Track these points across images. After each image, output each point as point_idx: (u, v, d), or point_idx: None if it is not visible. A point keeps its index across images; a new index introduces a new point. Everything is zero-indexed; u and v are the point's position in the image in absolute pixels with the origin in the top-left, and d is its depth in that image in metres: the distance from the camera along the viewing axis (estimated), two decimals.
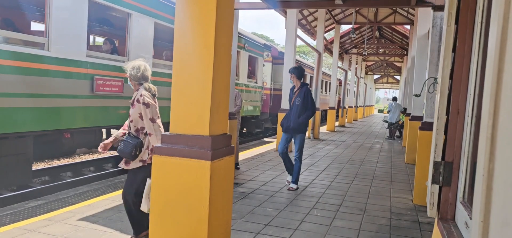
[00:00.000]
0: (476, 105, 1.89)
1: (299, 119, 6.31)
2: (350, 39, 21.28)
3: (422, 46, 8.82)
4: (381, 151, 12.14)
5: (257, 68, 14.43)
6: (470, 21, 2.09)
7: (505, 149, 0.96)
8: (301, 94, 6.38)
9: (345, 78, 24.55)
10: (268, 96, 17.21)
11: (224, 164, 3.05)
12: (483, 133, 1.13)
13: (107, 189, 6.09)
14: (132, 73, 3.79)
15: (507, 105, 0.97)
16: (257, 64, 14.45)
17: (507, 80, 0.99)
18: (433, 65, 5.75)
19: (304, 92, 6.38)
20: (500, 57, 1.04)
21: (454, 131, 2.11)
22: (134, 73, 3.78)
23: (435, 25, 5.81)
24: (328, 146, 12.51)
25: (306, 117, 6.36)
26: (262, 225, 4.59)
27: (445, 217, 2.13)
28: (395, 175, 8.25)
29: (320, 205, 5.58)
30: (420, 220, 5.13)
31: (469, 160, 1.93)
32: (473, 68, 2.01)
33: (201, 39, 2.86)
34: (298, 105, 6.34)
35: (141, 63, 3.84)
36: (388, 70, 39.45)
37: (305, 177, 7.40)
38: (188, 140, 2.90)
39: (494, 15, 1.17)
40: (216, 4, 2.80)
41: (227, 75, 3.12)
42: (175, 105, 2.97)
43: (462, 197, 1.99)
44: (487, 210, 1.05)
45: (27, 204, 5.24)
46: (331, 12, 16.23)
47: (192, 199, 2.86)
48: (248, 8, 8.87)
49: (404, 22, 16.72)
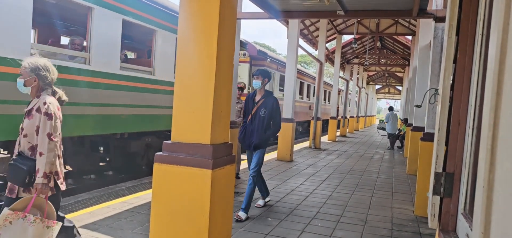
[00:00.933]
0: (477, 116, 1.89)
1: (266, 133, 5.41)
2: (352, 49, 21.33)
3: (423, 56, 8.84)
4: (383, 162, 12.12)
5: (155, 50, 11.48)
6: (471, 32, 2.10)
7: (505, 160, 0.96)
8: (267, 105, 5.42)
9: (347, 88, 24.58)
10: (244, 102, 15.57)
11: (225, 173, 3.05)
12: (483, 144, 1.14)
13: (108, 196, 6.09)
14: (41, 75, 3.00)
15: (507, 117, 0.97)
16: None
17: (507, 92, 1.00)
18: (434, 76, 5.76)
19: (272, 103, 5.45)
20: (500, 69, 1.05)
21: (455, 142, 2.11)
22: (43, 74, 3.01)
23: (437, 36, 5.83)
24: (329, 156, 12.49)
25: (273, 132, 5.52)
26: (262, 235, 4.57)
27: (446, 228, 2.13)
28: (396, 185, 8.22)
29: (321, 215, 5.56)
30: (422, 231, 5.10)
31: (470, 171, 1.93)
32: (474, 79, 2.02)
33: (203, 49, 2.88)
34: (264, 117, 5.40)
35: (48, 62, 3.12)
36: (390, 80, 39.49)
37: (306, 187, 7.38)
38: (189, 148, 2.90)
39: (494, 27, 1.18)
40: (218, 15, 2.82)
41: (229, 84, 3.14)
42: (177, 114, 2.99)
43: (463, 209, 1.99)
44: (488, 221, 1.05)
45: None
46: (333, 22, 16.30)
47: (192, 208, 2.87)
48: (250, 18, 8.91)
49: (406, 33, 16.77)
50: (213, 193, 2.85)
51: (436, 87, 4.12)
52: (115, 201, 5.61)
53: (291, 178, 8.26)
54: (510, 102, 0.96)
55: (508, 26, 1.04)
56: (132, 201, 5.63)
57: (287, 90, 11.46)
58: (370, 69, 32.05)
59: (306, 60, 57.99)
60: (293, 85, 11.30)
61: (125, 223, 4.70)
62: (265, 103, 5.44)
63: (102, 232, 4.37)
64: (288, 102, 11.28)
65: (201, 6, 2.88)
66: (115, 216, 4.93)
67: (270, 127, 5.47)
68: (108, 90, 6.95)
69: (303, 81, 20.53)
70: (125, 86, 7.32)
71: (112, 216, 4.93)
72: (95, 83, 6.61)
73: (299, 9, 8.27)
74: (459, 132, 2.11)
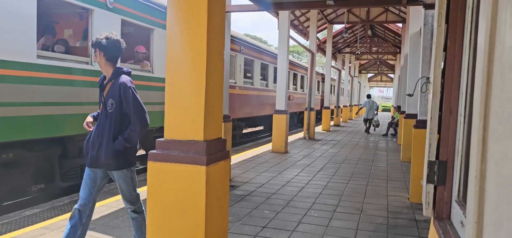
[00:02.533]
0: (468, 104, 1.90)
1: (116, 143, 3.32)
2: (343, 38, 21.35)
3: (414, 44, 8.86)
4: (377, 150, 12.19)
5: (152, 47, 8.36)
6: (461, 20, 2.11)
7: (496, 150, 0.97)
8: (114, 93, 3.33)
9: (339, 77, 24.63)
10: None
11: (219, 169, 3.05)
12: (475, 134, 1.14)
13: (103, 195, 6.06)
14: None
15: (497, 108, 0.98)
16: (153, 41, 8.34)
17: (497, 82, 1.00)
18: (425, 63, 5.78)
19: (119, 88, 3.32)
20: (489, 59, 1.05)
21: (448, 131, 2.13)
22: None
23: (427, 23, 5.84)
24: (323, 146, 12.53)
25: (129, 138, 3.33)
26: (259, 228, 4.58)
27: (440, 216, 2.15)
28: (391, 173, 8.28)
29: (317, 205, 5.59)
30: (417, 218, 5.15)
31: (463, 159, 1.94)
32: (464, 67, 2.02)
33: (193, 44, 2.86)
34: (112, 114, 3.33)
35: None
36: (382, 68, 39.63)
37: (301, 178, 7.41)
38: (183, 145, 2.89)
39: (482, 16, 1.18)
40: (207, 9, 2.80)
41: (220, 79, 3.12)
42: (169, 111, 2.97)
43: (457, 196, 2.00)
44: (481, 211, 1.05)
45: (23, 212, 5.20)
46: (323, 12, 16.29)
47: (188, 205, 2.86)
48: (239, 10, 8.87)
49: (396, 20, 16.81)
50: (208, 189, 2.84)
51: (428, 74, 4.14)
52: (111, 200, 5.60)
53: (286, 169, 8.29)
54: (500, 93, 0.97)
55: (497, 15, 1.04)
56: None
57: (280, 81, 11.45)
58: (362, 58, 32.13)
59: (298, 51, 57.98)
60: (285, 76, 11.29)
61: (121, 221, 4.69)
62: (112, 91, 3.34)
63: (99, 231, 4.36)
64: (281, 94, 11.28)
65: (189, 1, 2.86)
66: (111, 215, 4.92)
67: (125, 129, 3.34)
68: None
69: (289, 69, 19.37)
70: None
71: (108, 215, 4.91)
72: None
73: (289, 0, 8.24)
74: (451, 120, 2.12)
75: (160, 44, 8.27)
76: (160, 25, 8.27)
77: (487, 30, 1.07)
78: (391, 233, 4.56)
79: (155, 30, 8.17)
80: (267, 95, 16.84)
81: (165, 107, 3.00)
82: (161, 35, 8.25)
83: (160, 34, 8.24)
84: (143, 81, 7.90)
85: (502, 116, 0.92)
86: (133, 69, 7.42)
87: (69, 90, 6.16)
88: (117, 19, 7.08)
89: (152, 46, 8.24)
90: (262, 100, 16.26)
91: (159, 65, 8.33)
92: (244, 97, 14.15)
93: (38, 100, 5.65)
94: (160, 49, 8.30)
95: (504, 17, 0.98)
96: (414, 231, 4.66)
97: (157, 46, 8.26)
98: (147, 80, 8.11)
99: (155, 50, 8.26)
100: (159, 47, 8.28)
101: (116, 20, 7.06)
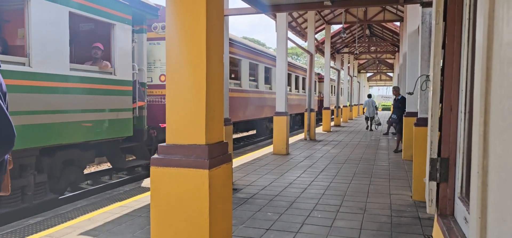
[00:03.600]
0: (468, 101, 1.91)
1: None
2: (341, 38, 21.36)
3: (412, 42, 8.87)
4: (378, 149, 12.19)
5: (113, 45, 7.26)
6: (458, 17, 2.12)
7: (498, 145, 0.98)
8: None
9: (338, 77, 24.64)
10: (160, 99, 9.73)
11: (222, 172, 3.06)
12: (476, 130, 1.15)
13: (106, 202, 6.07)
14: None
15: (497, 103, 0.99)
16: (115, 40, 7.25)
17: (496, 78, 1.01)
18: (424, 61, 5.79)
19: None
20: (488, 55, 1.06)
21: (449, 128, 2.14)
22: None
23: (425, 21, 5.86)
24: (325, 147, 12.53)
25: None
26: (263, 230, 4.59)
27: (444, 213, 2.15)
28: (393, 172, 8.28)
29: (320, 206, 5.59)
30: (421, 216, 5.15)
31: (464, 155, 1.95)
32: (463, 64, 2.04)
33: (192, 48, 2.88)
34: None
35: None
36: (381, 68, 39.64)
37: (304, 179, 7.41)
38: (185, 150, 2.91)
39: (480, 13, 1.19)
40: (206, 13, 2.81)
41: (220, 82, 3.14)
42: (170, 116, 2.99)
43: (460, 193, 2.01)
44: (484, 206, 1.06)
45: (26, 221, 5.21)
46: (321, 13, 16.31)
47: (192, 209, 2.87)
48: (237, 13, 8.90)
49: (394, 19, 16.82)
50: (212, 192, 2.85)
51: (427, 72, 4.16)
52: (114, 206, 5.60)
53: (288, 171, 8.29)
54: (499, 88, 0.98)
55: (494, 12, 1.05)
56: (131, 204, 5.62)
57: (279, 83, 11.46)
58: (361, 58, 32.15)
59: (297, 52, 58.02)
60: (284, 78, 11.31)
61: (125, 227, 4.69)
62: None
63: (102, 237, 4.36)
64: (281, 96, 11.29)
65: (187, 4, 2.87)
66: (115, 221, 4.92)
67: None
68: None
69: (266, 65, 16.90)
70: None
71: (112, 221, 4.92)
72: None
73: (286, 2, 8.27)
74: (451, 117, 2.13)
75: (123, 41, 7.35)
76: (123, 20, 7.32)
77: (485, 26, 1.08)
78: (395, 231, 4.56)
79: (117, 25, 7.17)
80: (258, 97, 15.89)
81: (166, 112, 3.01)
82: (124, 31, 7.34)
83: (123, 30, 7.32)
84: (103, 84, 6.95)
85: (502, 111, 0.94)
86: (91, 71, 6.75)
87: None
88: (63, 11, 6.10)
89: (113, 44, 7.19)
90: (253, 102, 15.34)
91: (123, 66, 7.38)
92: (231, 100, 13.03)
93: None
94: (124, 48, 7.38)
95: (501, 14, 0.99)
96: (417, 228, 4.66)
97: (120, 44, 7.28)
98: (108, 83, 7.09)
99: (117, 49, 7.23)
100: (123, 45, 7.34)
101: (62, 13, 6.08)
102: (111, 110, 7.20)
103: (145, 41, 8.52)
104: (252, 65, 15.21)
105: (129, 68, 7.67)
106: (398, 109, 11.69)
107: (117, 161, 8.19)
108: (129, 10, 7.58)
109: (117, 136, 7.54)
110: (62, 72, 6.15)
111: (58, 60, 6.06)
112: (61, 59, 6.11)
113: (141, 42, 8.40)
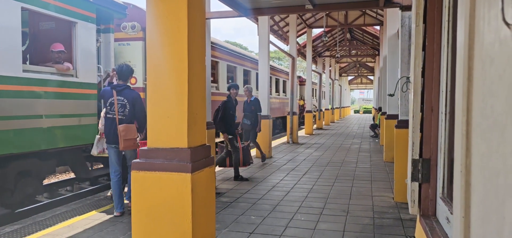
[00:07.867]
0: (449, 102, 1.93)
1: None
2: (323, 42, 21.52)
3: (392, 45, 9.00)
4: (360, 151, 12.30)
5: (75, 45, 6.77)
6: (438, 19, 2.15)
7: (480, 144, 0.98)
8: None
9: (320, 81, 24.81)
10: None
11: (204, 175, 3.02)
12: (458, 129, 1.16)
13: (86, 208, 5.95)
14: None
15: (479, 102, 0.99)
16: (76, 40, 6.76)
17: (478, 77, 1.02)
18: (404, 64, 5.87)
19: None
20: (470, 55, 1.06)
21: (430, 129, 2.16)
22: None
23: (404, 24, 5.94)
24: (307, 150, 12.58)
25: None
26: (247, 234, 4.56)
27: (426, 213, 2.17)
28: (375, 174, 8.36)
29: (304, 209, 5.59)
30: (402, 217, 5.21)
31: (446, 156, 1.97)
32: (443, 65, 2.06)
33: (174, 51, 2.84)
34: None
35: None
36: (362, 71, 40.12)
37: (287, 182, 7.41)
38: (167, 153, 2.86)
39: (461, 14, 1.20)
40: (187, 16, 2.78)
41: (202, 86, 3.11)
42: (151, 119, 2.94)
43: (442, 193, 2.03)
44: (468, 205, 1.07)
45: (3, 229, 5.06)
46: (302, 17, 16.41)
47: (174, 213, 2.83)
48: (219, 17, 8.87)
49: (374, 23, 17.06)
50: (194, 196, 2.81)
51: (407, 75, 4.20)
52: (94, 212, 5.49)
53: (271, 174, 8.29)
54: (481, 87, 0.98)
55: (475, 12, 1.06)
56: (112, 210, 5.52)
57: (261, 86, 11.46)
58: (342, 61, 32.47)
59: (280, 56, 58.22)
60: (266, 81, 11.32)
61: (106, 233, 4.60)
62: None
63: None
64: (264, 99, 11.29)
65: (168, 8, 2.84)
66: (95, 227, 4.82)
67: None
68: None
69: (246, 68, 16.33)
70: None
71: (93, 227, 4.82)
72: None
73: (268, 5, 8.28)
74: (432, 118, 2.15)
75: (86, 41, 6.82)
76: (86, 18, 6.79)
77: (466, 26, 1.09)
78: (378, 233, 4.60)
79: (79, 24, 6.65)
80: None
81: (148, 115, 2.96)
82: (87, 30, 6.82)
83: (86, 29, 6.80)
84: (63, 87, 6.41)
85: (485, 109, 0.94)
86: (49, 73, 6.24)
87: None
88: (14, 6, 5.55)
89: (75, 44, 6.67)
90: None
91: (86, 67, 6.85)
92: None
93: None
94: (87, 48, 6.86)
95: (482, 13, 1.00)
96: (399, 230, 4.71)
97: (83, 44, 6.76)
98: (70, 86, 6.55)
99: (79, 49, 6.70)
100: (86, 45, 6.82)
101: (12, 7, 5.54)
102: (72, 115, 6.64)
103: (113, 41, 7.91)
104: (230, 68, 14.62)
105: (94, 70, 7.11)
106: (251, 113, 9.54)
107: (80, 170, 7.57)
108: (93, 8, 7.05)
109: (80, 144, 6.94)
110: (14, 74, 5.57)
111: (8, 60, 5.48)
112: (11, 60, 5.53)
113: (108, 42, 7.80)
